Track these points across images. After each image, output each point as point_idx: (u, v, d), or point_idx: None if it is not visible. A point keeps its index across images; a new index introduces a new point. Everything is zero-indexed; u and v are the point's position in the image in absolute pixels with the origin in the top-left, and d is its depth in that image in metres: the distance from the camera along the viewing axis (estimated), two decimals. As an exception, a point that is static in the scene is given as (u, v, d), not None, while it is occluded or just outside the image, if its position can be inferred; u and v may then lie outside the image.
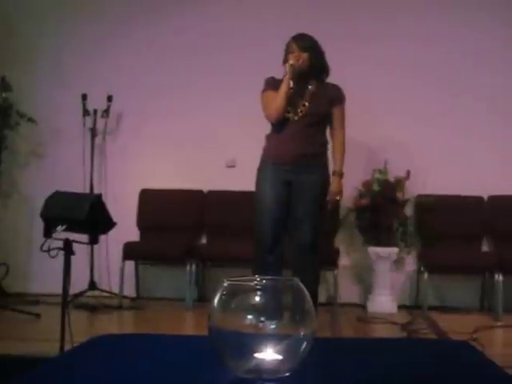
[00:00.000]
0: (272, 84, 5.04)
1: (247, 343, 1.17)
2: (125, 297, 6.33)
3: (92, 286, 6.51)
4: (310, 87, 5.04)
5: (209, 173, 6.64)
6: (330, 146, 5.16)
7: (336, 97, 5.09)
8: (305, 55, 4.96)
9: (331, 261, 6.19)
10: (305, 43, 4.99)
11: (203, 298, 6.58)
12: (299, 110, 4.96)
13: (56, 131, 6.85)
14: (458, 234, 6.38)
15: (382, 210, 6.13)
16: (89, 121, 6.68)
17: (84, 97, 6.65)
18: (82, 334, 4.20)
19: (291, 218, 5.00)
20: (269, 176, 5.01)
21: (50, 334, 4.16)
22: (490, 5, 6.60)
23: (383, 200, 6.16)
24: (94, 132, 6.68)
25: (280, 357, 1.16)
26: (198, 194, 6.79)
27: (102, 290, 6.52)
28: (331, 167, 5.15)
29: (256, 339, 1.17)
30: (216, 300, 1.19)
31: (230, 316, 1.18)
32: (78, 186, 6.37)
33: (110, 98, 6.67)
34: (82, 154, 6.66)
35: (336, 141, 5.16)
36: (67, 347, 3.73)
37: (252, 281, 1.23)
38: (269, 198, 4.98)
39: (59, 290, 4.00)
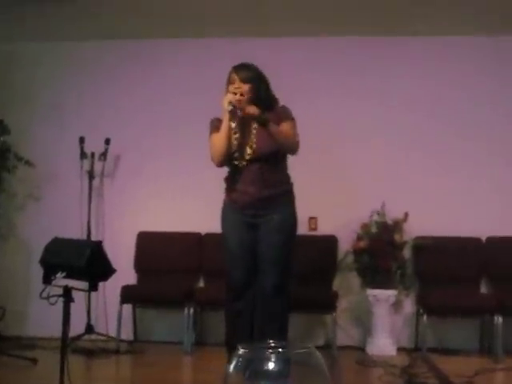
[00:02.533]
0: (216, 126, 4.72)
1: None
2: (122, 340, 6.29)
3: (89, 329, 6.45)
4: (254, 125, 4.65)
5: (206, 215, 6.59)
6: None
7: (282, 117, 4.65)
8: (246, 87, 4.59)
9: (329, 304, 6.16)
10: (247, 73, 4.64)
11: (201, 342, 6.57)
12: (246, 154, 4.63)
13: (53, 174, 6.86)
14: (456, 275, 6.37)
15: (380, 253, 6.11)
16: (86, 163, 6.70)
17: (82, 140, 6.66)
18: (79, 380, 4.19)
19: (258, 261, 4.68)
20: (232, 220, 4.75)
21: (48, 380, 4.12)
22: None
23: (381, 242, 6.15)
24: (91, 175, 6.69)
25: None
26: (195, 236, 6.78)
27: (100, 334, 6.46)
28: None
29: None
30: (232, 366, 1.18)
31: (246, 383, 1.17)
32: (76, 228, 6.38)
33: (107, 141, 6.69)
34: (80, 196, 6.66)
35: None
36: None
37: (267, 348, 1.22)
38: (234, 244, 4.72)
39: (56, 333, 3.98)
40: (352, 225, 6.27)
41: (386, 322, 6.21)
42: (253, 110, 4.54)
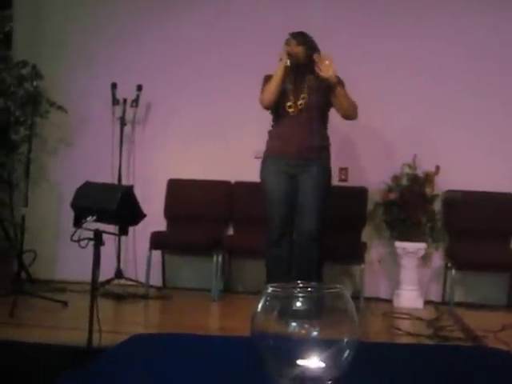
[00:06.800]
0: (270, 80, 5.19)
1: (290, 349, 1.16)
2: (151, 286, 6.35)
3: (118, 274, 6.53)
4: (307, 81, 5.17)
5: (237, 164, 6.63)
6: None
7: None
8: (301, 48, 5.13)
9: (358, 255, 6.17)
10: (302, 38, 5.16)
11: (229, 289, 6.62)
12: (299, 103, 5.13)
13: (85, 119, 6.88)
14: (486, 230, 6.33)
15: (410, 205, 6.09)
16: (118, 110, 6.70)
17: (114, 86, 6.66)
18: (108, 323, 4.25)
19: (296, 209, 5.16)
20: (273, 171, 5.21)
21: (78, 322, 4.18)
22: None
23: (412, 195, 6.12)
24: (123, 121, 6.68)
25: (323, 364, 1.15)
26: (225, 184, 6.79)
27: (129, 279, 6.54)
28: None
29: (299, 346, 1.16)
30: (260, 305, 1.18)
31: (273, 322, 1.17)
32: (106, 174, 6.39)
33: (139, 88, 6.68)
34: (111, 142, 6.68)
35: None
36: (95, 337, 3.76)
37: (295, 287, 1.22)
38: (274, 193, 5.19)
39: (86, 277, 4.04)
40: (382, 177, 6.25)
41: (413, 275, 6.20)
42: (330, 69, 5.01)
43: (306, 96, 5.12)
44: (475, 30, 6.50)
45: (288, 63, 5.09)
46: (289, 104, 5.13)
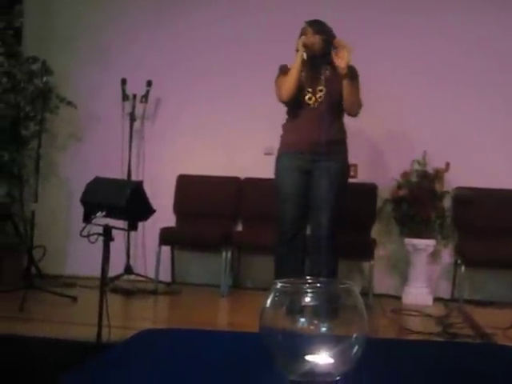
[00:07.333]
0: (285, 70, 5.04)
1: (298, 345, 1.16)
2: (160, 281, 6.36)
3: (128, 270, 6.54)
4: (324, 73, 5.01)
5: (246, 160, 6.64)
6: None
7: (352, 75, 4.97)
8: (318, 37, 4.96)
9: (367, 251, 6.16)
10: (319, 27, 4.99)
11: (238, 285, 6.62)
12: (318, 96, 4.96)
13: (95, 115, 6.89)
14: (495, 227, 6.30)
15: (420, 202, 6.07)
16: (128, 105, 6.71)
17: (123, 81, 6.67)
18: (117, 318, 4.25)
19: (310, 206, 5.02)
20: (287, 166, 5.04)
21: (87, 317, 4.19)
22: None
23: (421, 191, 6.10)
24: (132, 117, 6.70)
25: (332, 360, 1.15)
26: (234, 180, 6.79)
27: (138, 275, 6.55)
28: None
29: (307, 341, 1.16)
30: (268, 301, 1.18)
31: (282, 317, 1.17)
32: (116, 170, 6.39)
33: (149, 83, 6.68)
34: (121, 138, 6.70)
35: None
36: (104, 332, 3.76)
37: (304, 283, 1.22)
38: (288, 190, 5.02)
39: (95, 273, 4.04)
40: (392, 173, 6.24)
41: (423, 272, 6.19)
42: (345, 60, 4.77)
43: (323, 88, 4.96)
44: (479, 29, 6.47)
45: (304, 56, 4.92)
46: (308, 96, 4.97)
